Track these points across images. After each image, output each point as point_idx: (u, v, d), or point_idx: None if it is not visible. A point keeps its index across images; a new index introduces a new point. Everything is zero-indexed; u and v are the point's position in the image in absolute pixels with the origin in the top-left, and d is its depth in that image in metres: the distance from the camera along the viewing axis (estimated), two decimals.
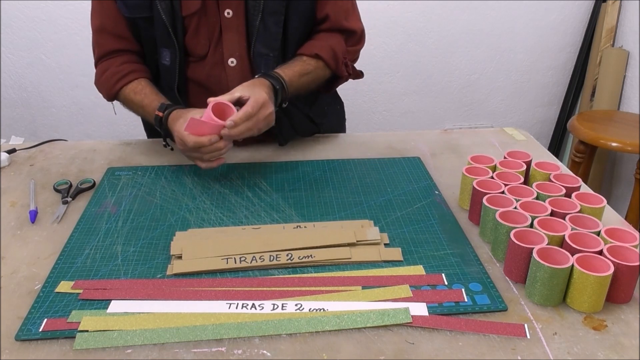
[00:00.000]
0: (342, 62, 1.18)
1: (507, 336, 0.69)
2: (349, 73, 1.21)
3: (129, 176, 1.10)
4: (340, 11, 1.17)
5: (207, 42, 1.12)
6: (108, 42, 1.15)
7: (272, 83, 1.05)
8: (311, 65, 1.14)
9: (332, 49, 1.15)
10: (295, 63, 1.13)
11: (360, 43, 1.24)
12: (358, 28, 1.21)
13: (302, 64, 1.13)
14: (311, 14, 1.16)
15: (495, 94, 2.58)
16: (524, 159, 1.01)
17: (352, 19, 1.20)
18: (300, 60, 1.14)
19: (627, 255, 0.74)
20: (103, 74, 1.16)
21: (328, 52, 1.15)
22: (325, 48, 1.14)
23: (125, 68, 1.14)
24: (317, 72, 1.16)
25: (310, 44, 1.16)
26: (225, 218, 0.95)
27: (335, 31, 1.19)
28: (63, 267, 0.82)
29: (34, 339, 0.68)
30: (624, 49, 2.32)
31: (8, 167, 1.14)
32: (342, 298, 0.75)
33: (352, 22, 1.20)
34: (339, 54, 1.16)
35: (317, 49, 1.14)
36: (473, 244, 0.88)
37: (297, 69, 1.12)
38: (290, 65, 1.12)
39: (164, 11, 1.07)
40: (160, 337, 0.69)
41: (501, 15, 2.39)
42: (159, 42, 1.12)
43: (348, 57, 1.20)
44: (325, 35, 1.18)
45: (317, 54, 1.14)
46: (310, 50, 1.15)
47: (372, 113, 2.53)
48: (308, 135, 1.28)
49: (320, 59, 1.14)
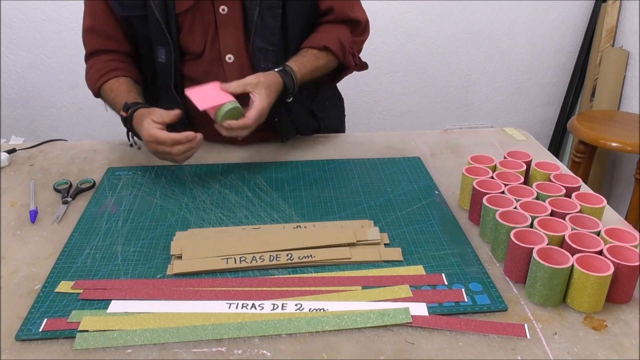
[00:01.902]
0: (349, 52, 1.19)
1: (507, 336, 0.69)
2: (355, 64, 1.22)
3: (129, 176, 1.10)
4: (344, 2, 1.18)
5: (202, 40, 1.12)
6: (96, 42, 1.17)
7: (285, 84, 1.07)
8: (322, 60, 1.15)
9: (339, 40, 1.16)
10: (307, 58, 1.13)
11: (365, 33, 1.24)
12: (362, 18, 1.22)
13: (314, 59, 1.14)
14: (311, 7, 1.16)
15: (495, 94, 2.57)
16: (524, 159, 1.01)
17: (356, 9, 1.21)
18: (311, 54, 1.14)
19: (627, 255, 0.74)
20: (90, 70, 1.18)
21: (336, 43, 1.15)
22: (332, 40, 1.15)
23: (108, 65, 1.16)
24: (326, 66, 1.17)
25: (317, 36, 1.16)
26: (225, 218, 0.95)
27: (340, 22, 1.19)
28: (63, 267, 0.82)
29: (34, 339, 0.68)
30: (624, 49, 2.32)
31: (8, 167, 1.14)
32: (342, 298, 0.75)
33: (356, 12, 1.20)
34: (346, 45, 1.17)
35: (326, 42, 1.14)
36: (473, 244, 0.88)
37: (310, 65, 1.13)
38: (303, 61, 1.13)
39: (157, 9, 1.07)
40: (160, 337, 0.69)
41: (501, 15, 2.39)
42: (154, 40, 1.12)
43: (354, 47, 1.21)
44: (331, 27, 1.18)
45: (325, 46, 1.14)
46: (318, 42, 1.15)
47: (372, 113, 2.53)
48: (308, 133, 1.28)
49: (329, 51, 1.15)
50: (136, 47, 1.19)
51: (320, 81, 1.22)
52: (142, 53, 1.19)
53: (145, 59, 1.19)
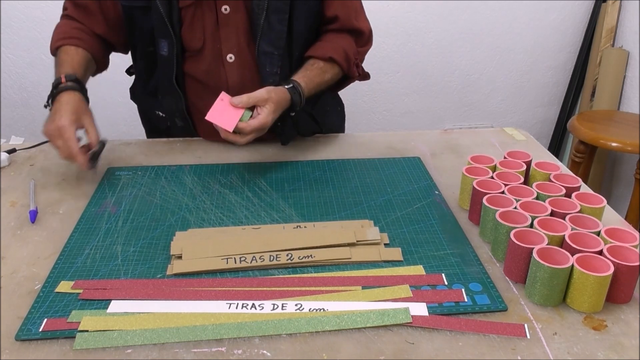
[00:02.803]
0: (354, 63, 1.19)
1: (507, 336, 0.69)
2: (359, 74, 1.22)
3: (129, 176, 1.10)
4: (350, 11, 1.17)
5: (201, 36, 1.12)
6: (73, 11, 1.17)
7: (293, 101, 1.07)
8: (327, 73, 1.15)
9: (344, 51, 1.16)
10: (314, 72, 1.13)
11: (369, 44, 1.24)
12: (367, 28, 1.22)
13: (320, 73, 1.14)
14: (317, 13, 1.16)
15: (495, 94, 2.58)
16: (524, 159, 1.01)
17: (361, 18, 1.21)
18: (317, 68, 1.14)
19: (627, 255, 0.74)
20: (56, 30, 1.19)
21: (341, 54, 1.15)
22: (338, 50, 1.15)
23: (73, 32, 1.16)
24: (332, 78, 1.17)
25: (323, 46, 1.16)
26: (225, 218, 0.95)
27: (345, 31, 1.19)
28: (63, 267, 0.82)
29: (34, 339, 0.68)
30: (624, 49, 2.32)
31: (8, 167, 1.14)
32: (342, 298, 0.75)
33: (361, 22, 1.20)
34: (350, 55, 1.17)
35: (331, 52, 1.14)
36: (473, 244, 0.88)
37: (317, 80, 1.13)
38: (311, 75, 1.12)
39: (160, 2, 1.07)
40: (160, 337, 0.69)
41: (501, 15, 2.39)
42: (157, 33, 1.12)
43: (358, 58, 1.21)
44: (336, 37, 1.18)
45: (331, 57, 1.14)
46: (323, 53, 1.15)
47: (372, 113, 2.53)
48: (309, 135, 1.28)
49: (335, 63, 1.15)
50: (117, 34, 1.19)
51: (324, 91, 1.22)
52: (140, 45, 1.18)
53: (142, 51, 1.19)
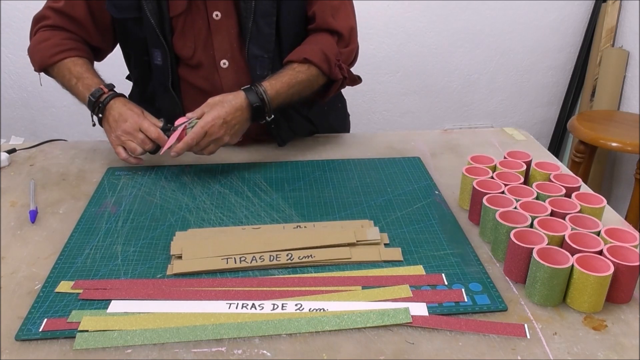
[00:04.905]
0: (335, 64, 1.12)
1: (507, 336, 0.69)
2: (344, 76, 1.15)
3: (129, 176, 1.10)
4: (326, 9, 1.13)
5: (192, 44, 1.11)
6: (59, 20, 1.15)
7: (249, 100, 1.04)
8: (302, 74, 1.10)
9: (322, 52, 1.10)
10: (284, 73, 1.09)
11: (352, 44, 1.17)
12: (344, 27, 1.15)
13: (291, 73, 1.09)
14: (303, 14, 1.14)
15: (495, 94, 2.57)
16: (524, 159, 1.01)
17: (339, 17, 1.15)
18: (290, 69, 1.10)
19: (627, 255, 0.74)
20: (42, 42, 1.16)
21: (318, 55, 1.10)
22: (314, 51, 1.10)
23: (68, 43, 1.15)
24: (309, 80, 1.11)
25: (299, 48, 1.12)
26: (225, 218, 0.95)
27: (324, 31, 1.14)
28: (63, 267, 0.82)
29: (34, 339, 0.68)
30: (624, 49, 2.32)
31: (8, 167, 1.14)
32: (342, 298, 0.75)
33: (339, 20, 1.14)
34: (330, 56, 1.11)
35: (306, 54, 1.10)
36: (473, 244, 0.88)
37: (286, 79, 1.08)
38: (279, 76, 1.08)
39: (150, 12, 1.07)
40: (160, 337, 0.69)
41: (501, 15, 2.39)
42: (150, 43, 1.12)
43: (341, 58, 1.15)
44: (315, 38, 1.14)
45: (306, 59, 1.09)
46: (298, 55, 1.10)
47: (372, 113, 2.53)
48: (307, 135, 1.28)
49: (311, 64, 1.10)
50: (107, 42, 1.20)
51: (310, 98, 1.17)
52: (134, 54, 1.19)
53: (138, 60, 1.18)
